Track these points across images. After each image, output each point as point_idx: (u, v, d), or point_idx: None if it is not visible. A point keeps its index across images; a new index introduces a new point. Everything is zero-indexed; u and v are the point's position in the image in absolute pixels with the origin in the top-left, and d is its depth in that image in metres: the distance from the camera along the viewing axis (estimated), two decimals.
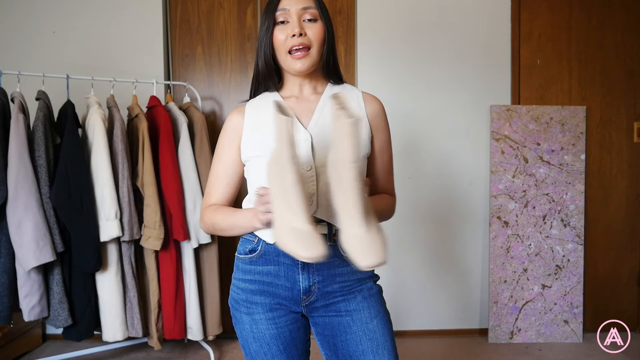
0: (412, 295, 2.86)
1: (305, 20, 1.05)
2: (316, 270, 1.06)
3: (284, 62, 1.07)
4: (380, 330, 1.07)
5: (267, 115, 1.06)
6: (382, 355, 1.05)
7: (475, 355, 2.60)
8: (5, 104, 2.03)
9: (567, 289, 2.76)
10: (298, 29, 1.03)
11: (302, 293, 1.06)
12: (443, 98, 2.80)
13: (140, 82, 2.44)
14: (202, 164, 2.42)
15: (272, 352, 1.07)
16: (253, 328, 1.08)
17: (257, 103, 1.13)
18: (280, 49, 1.06)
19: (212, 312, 2.48)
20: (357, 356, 1.06)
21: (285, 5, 1.05)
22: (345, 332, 1.06)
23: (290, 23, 1.05)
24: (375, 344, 1.05)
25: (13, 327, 2.39)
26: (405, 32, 2.78)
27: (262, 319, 1.07)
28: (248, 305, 1.08)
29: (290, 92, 1.13)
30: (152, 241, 2.22)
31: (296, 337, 1.10)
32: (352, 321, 1.06)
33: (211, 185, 1.14)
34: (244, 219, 1.04)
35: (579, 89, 2.84)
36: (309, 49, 1.05)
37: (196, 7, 2.79)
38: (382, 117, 1.15)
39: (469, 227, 2.86)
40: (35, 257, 1.94)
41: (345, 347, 1.07)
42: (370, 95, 1.16)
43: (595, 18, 2.83)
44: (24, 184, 1.96)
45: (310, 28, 1.05)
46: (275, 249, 1.06)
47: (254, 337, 1.08)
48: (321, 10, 1.07)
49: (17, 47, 2.67)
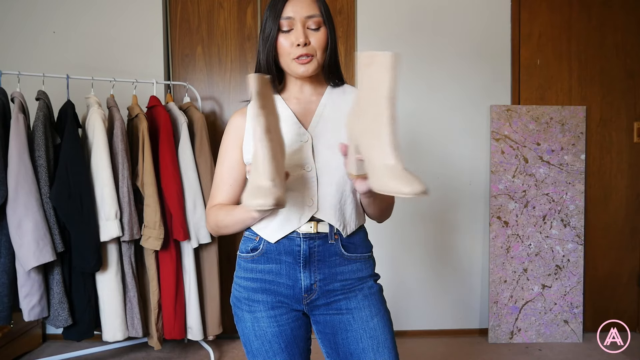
0: (412, 295, 2.86)
1: (309, 28, 1.06)
2: (317, 268, 1.07)
3: (288, 66, 1.08)
4: (380, 329, 1.07)
5: None
6: (383, 353, 1.06)
7: (475, 355, 2.60)
8: (5, 104, 2.04)
9: (567, 289, 2.76)
10: (303, 38, 1.04)
11: (303, 291, 1.07)
12: (443, 98, 2.80)
13: (140, 82, 2.44)
14: (202, 164, 2.42)
15: (274, 349, 1.08)
16: (255, 326, 1.09)
17: None
18: (285, 55, 1.07)
19: (212, 312, 2.48)
20: (357, 354, 1.06)
21: (289, 13, 1.05)
22: (346, 330, 1.07)
23: (295, 31, 1.05)
24: (376, 342, 1.06)
25: (13, 327, 2.39)
26: (405, 32, 2.78)
27: (263, 316, 1.08)
28: (250, 303, 1.09)
29: (291, 94, 1.13)
30: (152, 241, 2.22)
31: (297, 335, 1.11)
32: (353, 319, 1.07)
33: (216, 187, 1.15)
34: (243, 210, 1.04)
35: (579, 89, 2.84)
36: (313, 57, 1.06)
37: (196, 7, 2.79)
38: None
39: (469, 227, 2.86)
40: (35, 257, 1.94)
41: (346, 345, 1.07)
42: None
43: (595, 18, 2.83)
44: (24, 184, 1.96)
45: (314, 36, 1.06)
46: (277, 248, 1.07)
47: (256, 334, 1.09)
48: (325, 16, 1.08)
49: (17, 47, 2.67)
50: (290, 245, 1.06)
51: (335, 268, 1.08)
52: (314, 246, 1.06)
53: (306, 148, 1.06)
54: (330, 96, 1.13)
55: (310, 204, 1.05)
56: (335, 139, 1.06)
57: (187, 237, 2.32)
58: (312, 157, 1.05)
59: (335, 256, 1.07)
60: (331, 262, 1.07)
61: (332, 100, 1.12)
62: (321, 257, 1.07)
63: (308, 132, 1.07)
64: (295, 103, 1.12)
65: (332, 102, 1.12)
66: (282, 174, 0.92)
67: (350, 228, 1.09)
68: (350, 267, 1.09)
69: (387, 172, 0.83)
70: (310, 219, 1.05)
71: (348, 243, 1.09)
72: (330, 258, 1.07)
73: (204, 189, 2.40)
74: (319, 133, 1.07)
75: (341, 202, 1.07)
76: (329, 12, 1.10)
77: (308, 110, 1.11)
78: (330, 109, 1.11)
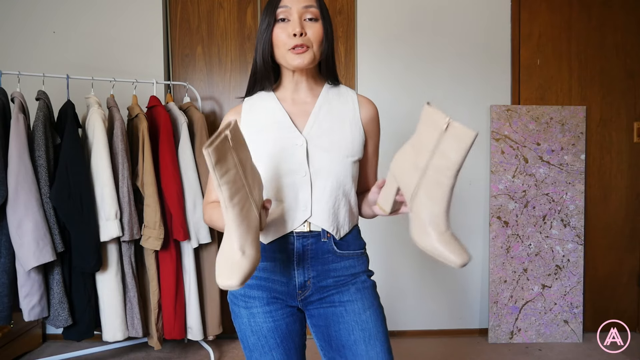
0: (412, 295, 2.86)
1: (305, 19, 1.05)
2: (311, 266, 1.08)
3: (283, 58, 1.06)
4: (372, 322, 1.08)
5: (263, 115, 1.10)
6: (374, 345, 1.06)
7: (475, 355, 2.60)
8: (5, 104, 2.03)
9: (567, 289, 2.76)
10: (299, 28, 1.03)
11: (297, 288, 1.09)
12: (443, 98, 2.80)
13: (140, 82, 2.44)
14: (202, 164, 2.41)
15: (270, 344, 1.10)
16: (251, 321, 1.10)
17: (252, 103, 1.13)
18: (280, 46, 1.06)
19: (212, 312, 2.48)
20: (349, 345, 1.07)
21: (286, 2, 1.04)
22: (338, 322, 1.08)
23: (291, 22, 1.04)
24: (368, 334, 1.07)
25: (13, 327, 2.39)
26: (405, 32, 2.78)
27: (259, 312, 1.09)
28: (246, 299, 1.10)
29: (286, 93, 1.13)
30: (152, 241, 2.22)
31: (292, 329, 1.12)
32: (346, 312, 1.08)
33: (210, 183, 1.15)
34: None
35: (579, 89, 2.84)
36: (308, 48, 1.05)
37: (196, 7, 2.79)
38: (376, 122, 1.16)
39: (469, 227, 2.86)
40: (35, 257, 1.94)
41: (338, 336, 1.09)
42: (365, 98, 1.16)
43: (595, 18, 2.83)
44: (24, 184, 1.96)
45: (311, 27, 1.05)
46: (271, 246, 1.08)
47: (252, 330, 1.10)
48: (322, 10, 1.07)
49: (17, 47, 2.67)
50: (284, 244, 1.07)
51: (328, 265, 1.09)
52: (307, 244, 1.07)
53: (300, 152, 1.05)
54: (327, 98, 1.12)
55: (303, 209, 1.05)
56: (329, 142, 1.06)
57: (187, 237, 2.32)
58: (307, 162, 1.05)
59: (328, 253, 1.08)
60: (324, 259, 1.08)
61: (328, 101, 1.12)
62: (314, 255, 1.08)
63: (302, 136, 1.06)
64: (290, 104, 1.11)
65: (328, 104, 1.11)
66: (253, 233, 0.90)
67: (344, 230, 1.10)
68: (343, 263, 1.10)
69: (436, 235, 0.86)
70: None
71: (341, 241, 1.10)
72: (324, 255, 1.08)
73: (204, 189, 2.40)
74: (313, 136, 1.07)
75: (335, 206, 1.07)
76: (326, 7, 1.10)
77: (303, 112, 1.10)
78: (326, 111, 1.10)
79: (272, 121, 1.09)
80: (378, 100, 1.28)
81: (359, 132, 1.10)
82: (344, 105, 1.12)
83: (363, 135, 1.11)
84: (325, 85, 1.14)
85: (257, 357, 1.11)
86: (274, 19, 1.06)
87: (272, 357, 1.10)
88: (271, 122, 1.09)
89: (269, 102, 1.11)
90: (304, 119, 1.09)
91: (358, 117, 1.11)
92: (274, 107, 1.10)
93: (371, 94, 1.33)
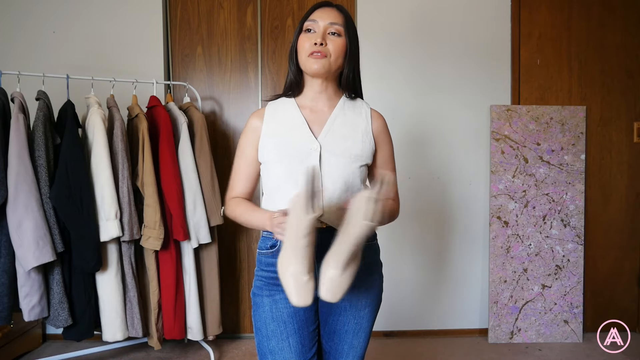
0: (412, 295, 2.86)
1: (329, 33, 1.17)
2: None
3: (304, 64, 1.19)
4: (367, 318, 1.25)
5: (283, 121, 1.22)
6: (360, 336, 1.24)
7: (475, 355, 2.60)
8: (5, 104, 2.03)
9: (567, 289, 2.77)
10: (320, 39, 1.16)
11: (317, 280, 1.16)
12: (443, 98, 2.80)
13: (140, 82, 2.44)
14: (202, 164, 2.41)
15: (288, 331, 1.19)
16: (273, 308, 1.19)
17: (275, 107, 1.25)
18: (302, 52, 1.19)
19: (212, 312, 2.48)
20: (340, 334, 1.23)
21: (315, 17, 1.18)
22: (339, 314, 1.23)
23: (316, 33, 1.18)
24: (359, 327, 1.24)
25: (13, 327, 2.39)
26: (405, 33, 2.79)
27: (281, 298, 1.18)
28: (270, 288, 1.20)
29: (306, 100, 1.24)
30: (152, 241, 2.22)
31: (308, 317, 1.22)
32: (349, 306, 1.22)
33: (233, 179, 1.28)
34: (259, 221, 1.18)
35: (579, 89, 2.84)
36: (325, 57, 1.16)
37: (196, 7, 2.79)
38: (386, 133, 1.29)
39: (469, 227, 2.86)
40: (35, 257, 1.94)
41: (334, 324, 1.24)
42: (376, 112, 1.29)
43: (595, 18, 2.83)
44: (24, 184, 1.96)
45: (333, 41, 1.17)
46: None
47: (273, 316, 1.19)
48: (348, 29, 1.19)
49: (17, 47, 2.67)
50: None
51: None
52: (324, 238, 1.12)
53: (314, 155, 1.17)
54: (342, 109, 1.24)
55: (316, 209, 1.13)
56: (341, 148, 1.19)
57: (187, 237, 2.32)
58: (319, 165, 1.16)
59: None
60: None
61: (343, 112, 1.23)
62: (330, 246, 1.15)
63: (317, 141, 1.18)
64: (308, 111, 1.23)
65: (343, 115, 1.23)
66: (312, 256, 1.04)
67: None
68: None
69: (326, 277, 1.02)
70: None
71: None
72: None
73: (204, 189, 2.40)
74: (327, 142, 1.18)
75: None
76: (354, 28, 1.21)
77: (320, 120, 1.22)
78: (341, 121, 1.22)
79: (291, 126, 1.21)
80: (378, 100, 1.30)
81: (369, 142, 1.23)
82: (357, 117, 1.24)
83: (373, 144, 1.24)
84: (342, 97, 1.26)
85: (274, 344, 1.19)
86: (300, 28, 1.20)
87: (289, 343, 1.19)
88: (290, 126, 1.21)
89: (289, 108, 1.24)
90: (320, 126, 1.21)
91: (370, 128, 1.24)
92: (294, 113, 1.22)
93: (371, 94, 1.35)
